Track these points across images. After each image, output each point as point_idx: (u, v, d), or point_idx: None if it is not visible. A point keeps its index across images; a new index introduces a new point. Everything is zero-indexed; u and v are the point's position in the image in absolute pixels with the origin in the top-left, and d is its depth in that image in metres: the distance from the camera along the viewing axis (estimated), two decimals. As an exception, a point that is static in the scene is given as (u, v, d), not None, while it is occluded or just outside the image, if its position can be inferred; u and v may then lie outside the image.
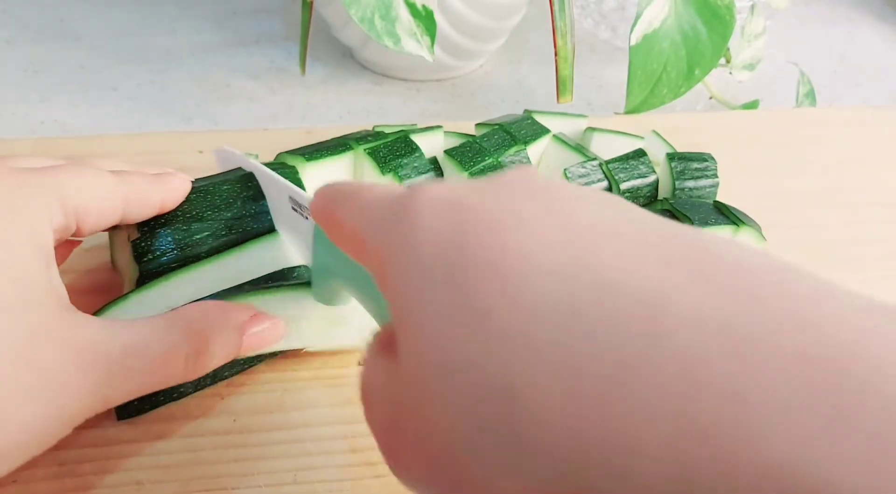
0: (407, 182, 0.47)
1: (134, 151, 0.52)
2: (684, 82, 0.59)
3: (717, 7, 0.58)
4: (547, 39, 0.55)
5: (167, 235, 0.40)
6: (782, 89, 0.72)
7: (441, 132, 0.51)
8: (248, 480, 0.35)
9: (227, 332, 0.34)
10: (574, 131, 0.55)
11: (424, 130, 0.50)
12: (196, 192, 0.42)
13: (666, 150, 0.53)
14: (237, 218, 0.42)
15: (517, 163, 0.49)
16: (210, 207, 0.41)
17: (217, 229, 0.41)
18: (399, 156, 0.47)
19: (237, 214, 0.42)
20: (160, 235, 0.40)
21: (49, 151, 0.51)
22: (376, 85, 0.68)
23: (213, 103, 0.64)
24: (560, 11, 0.53)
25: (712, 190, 0.50)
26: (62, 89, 0.64)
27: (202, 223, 0.41)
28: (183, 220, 0.40)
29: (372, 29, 0.50)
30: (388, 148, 0.47)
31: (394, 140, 0.48)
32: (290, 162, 0.45)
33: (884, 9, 0.89)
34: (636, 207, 0.23)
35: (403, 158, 0.47)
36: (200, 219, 0.41)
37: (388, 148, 0.47)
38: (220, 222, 0.41)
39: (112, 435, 0.36)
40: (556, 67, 0.55)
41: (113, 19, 0.73)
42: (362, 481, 0.36)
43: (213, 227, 0.41)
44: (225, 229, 0.41)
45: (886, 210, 0.55)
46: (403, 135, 0.49)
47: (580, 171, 0.49)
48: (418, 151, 0.48)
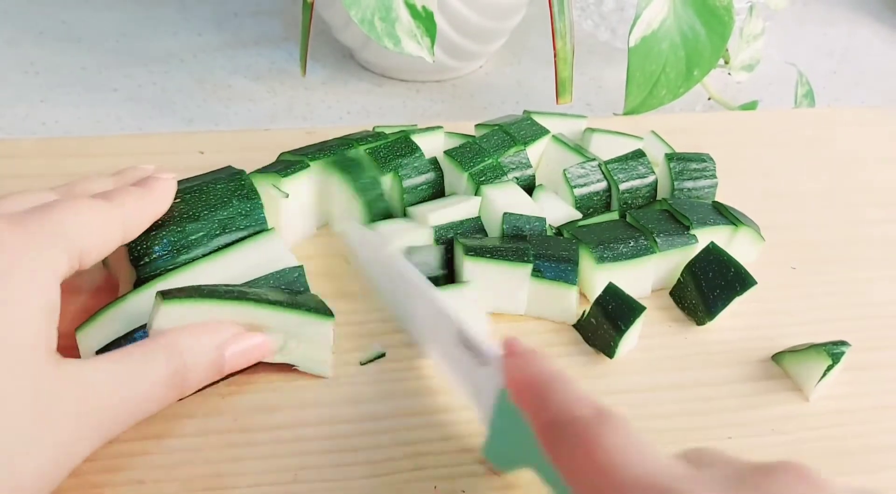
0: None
1: (134, 151, 0.52)
2: (683, 83, 0.59)
3: (715, 8, 0.58)
4: (546, 40, 0.55)
5: (162, 237, 0.40)
6: (781, 90, 0.72)
7: (442, 132, 0.51)
8: (248, 479, 0.35)
9: (207, 352, 0.35)
10: (573, 132, 0.55)
11: (425, 131, 0.50)
12: (190, 191, 0.42)
13: (665, 150, 0.53)
14: (231, 217, 0.42)
15: (517, 164, 0.49)
16: (205, 206, 0.42)
17: (212, 228, 0.41)
18: (399, 156, 0.47)
19: (232, 213, 0.42)
20: (156, 237, 0.40)
21: (49, 153, 0.51)
22: (376, 86, 0.68)
23: (213, 104, 0.65)
24: (559, 13, 0.54)
25: (711, 191, 0.50)
26: (63, 90, 0.64)
27: (197, 223, 0.41)
28: (178, 220, 0.41)
29: (372, 30, 0.50)
30: (389, 148, 0.48)
31: (394, 140, 0.48)
32: (261, 180, 0.45)
33: (882, 10, 0.89)
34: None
35: (404, 158, 0.47)
36: (196, 219, 0.41)
37: (389, 148, 0.48)
38: (215, 221, 0.41)
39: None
40: (556, 68, 0.55)
41: (114, 21, 0.73)
42: (362, 481, 0.36)
43: (208, 227, 0.41)
44: (220, 228, 0.41)
45: (886, 210, 0.55)
46: (404, 135, 0.49)
47: (579, 171, 0.49)
48: (418, 151, 0.48)
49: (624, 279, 0.44)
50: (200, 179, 0.44)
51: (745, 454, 0.39)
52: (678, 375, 0.42)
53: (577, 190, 0.49)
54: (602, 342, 0.43)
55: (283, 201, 0.44)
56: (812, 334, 0.44)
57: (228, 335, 0.36)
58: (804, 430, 0.40)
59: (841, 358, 0.41)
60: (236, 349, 0.36)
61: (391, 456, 0.37)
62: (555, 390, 0.30)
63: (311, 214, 0.48)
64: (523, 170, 0.49)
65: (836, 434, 0.40)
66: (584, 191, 0.49)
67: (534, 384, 0.31)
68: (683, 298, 0.46)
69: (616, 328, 0.41)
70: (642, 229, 0.46)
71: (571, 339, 0.44)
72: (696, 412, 0.41)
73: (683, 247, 0.45)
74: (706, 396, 0.41)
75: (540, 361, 0.32)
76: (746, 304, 0.45)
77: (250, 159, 0.48)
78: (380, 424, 0.38)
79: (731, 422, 0.40)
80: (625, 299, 0.42)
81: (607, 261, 0.44)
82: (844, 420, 0.41)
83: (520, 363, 0.32)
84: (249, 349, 0.37)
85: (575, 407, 0.29)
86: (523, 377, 0.32)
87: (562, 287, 0.43)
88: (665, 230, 0.45)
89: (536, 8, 0.66)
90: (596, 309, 0.43)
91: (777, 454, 0.39)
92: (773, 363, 0.43)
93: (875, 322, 0.46)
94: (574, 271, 0.43)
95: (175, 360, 0.34)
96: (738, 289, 0.44)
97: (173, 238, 0.40)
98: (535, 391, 0.31)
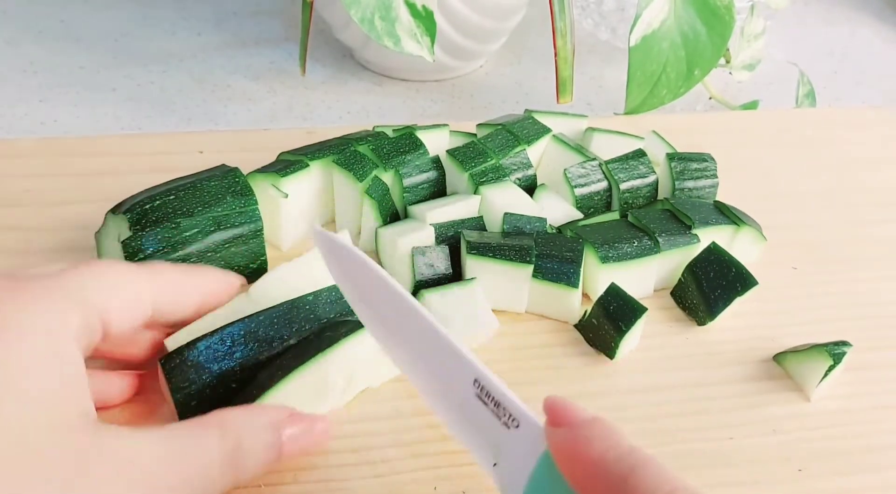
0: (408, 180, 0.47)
1: (134, 151, 0.52)
2: (684, 83, 0.59)
3: (716, 7, 0.58)
4: (547, 40, 0.55)
5: (157, 233, 0.40)
6: (782, 90, 0.72)
7: (447, 130, 0.51)
8: (248, 480, 0.35)
9: (262, 432, 0.32)
10: (574, 131, 0.55)
11: (431, 128, 0.50)
12: (184, 189, 0.42)
13: (666, 150, 0.53)
14: (226, 214, 0.42)
15: (518, 164, 0.49)
16: (199, 203, 0.42)
17: (206, 225, 0.41)
18: (402, 153, 0.47)
19: (226, 209, 0.42)
20: (150, 233, 0.40)
21: (48, 152, 0.51)
22: (376, 85, 0.68)
23: (213, 104, 0.64)
24: (560, 12, 0.53)
25: (712, 190, 0.50)
26: (62, 90, 0.64)
27: (191, 219, 0.41)
28: (172, 216, 0.41)
29: (372, 29, 0.50)
30: (392, 144, 0.48)
31: (399, 136, 0.48)
32: (261, 180, 0.45)
33: (883, 9, 0.89)
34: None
35: (406, 155, 0.47)
36: (189, 215, 0.41)
37: (392, 144, 0.48)
38: (209, 218, 0.42)
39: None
40: (556, 67, 0.55)
41: (113, 20, 0.73)
42: (362, 481, 0.36)
43: (202, 223, 0.41)
44: (214, 224, 0.42)
45: (886, 210, 0.55)
46: (409, 131, 0.49)
47: (580, 171, 0.49)
48: (422, 148, 0.48)
49: (627, 279, 0.44)
50: (194, 176, 0.44)
51: (746, 454, 0.39)
52: (679, 375, 0.42)
53: (578, 190, 0.49)
54: (603, 342, 0.42)
55: (282, 201, 0.44)
56: (813, 334, 0.44)
57: (284, 416, 0.33)
58: (805, 430, 0.40)
59: (842, 358, 0.41)
60: (294, 431, 0.33)
61: (391, 456, 0.37)
62: (642, 475, 0.25)
63: (310, 214, 0.48)
64: (525, 170, 0.49)
65: (837, 434, 0.40)
66: (585, 191, 0.49)
67: (606, 467, 0.25)
68: (684, 298, 0.46)
69: (617, 328, 0.41)
70: (644, 228, 0.45)
71: (570, 339, 0.44)
72: (697, 412, 0.40)
73: (685, 247, 0.45)
74: (707, 396, 0.41)
75: (608, 433, 0.26)
76: (747, 304, 0.45)
77: (250, 159, 0.48)
78: (380, 424, 0.38)
79: (732, 422, 0.40)
80: (626, 299, 0.42)
81: (611, 261, 0.44)
82: (845, 420, 0.41)
83: (578, 438, 0.27)
84: (307, 432, 0.34)
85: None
86: (587, 458, 0.26)
87: (563, 289, 0.43)
88: (667, 230, 0.45)
89: (536, 8, 0.66)
90: (597, 309, 0.42)
91: (778, 454, 0.39)
92: (774, 364, 0.43)
93: (876, 322, 0.46)
94: (577, 272, 0.43)
95: (230, 438, 0.31)
96: (739, 289, 0.44)
97: (167, 234, 0.40)
98: (607, 479, 0.25)
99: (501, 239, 0.44)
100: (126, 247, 0.40)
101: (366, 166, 0.46)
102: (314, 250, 0.40)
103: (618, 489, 0.25)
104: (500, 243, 0.43)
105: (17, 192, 0.48)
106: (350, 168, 0.45)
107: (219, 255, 0.42)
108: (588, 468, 0.26)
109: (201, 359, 0.35)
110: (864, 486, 0.38)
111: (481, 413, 0.30)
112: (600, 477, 0.25)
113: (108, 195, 0.46)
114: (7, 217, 0.47)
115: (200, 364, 0.35)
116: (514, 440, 0.29)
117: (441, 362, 0.31)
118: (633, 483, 0.24)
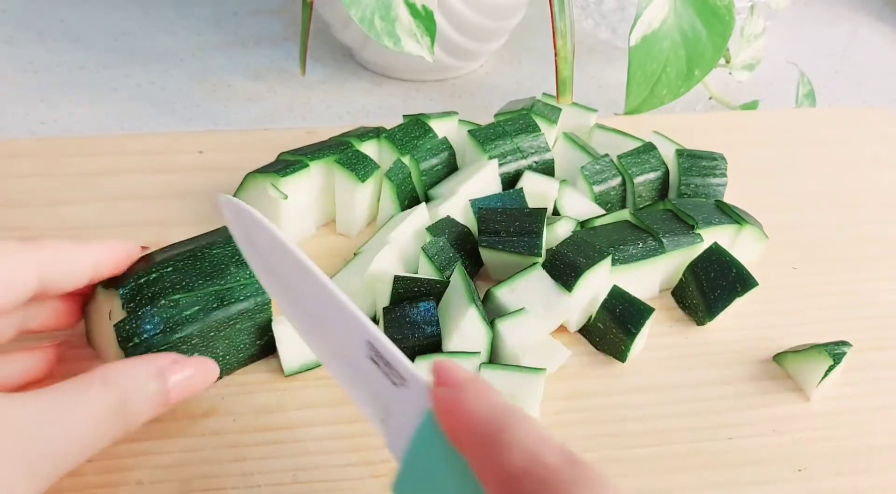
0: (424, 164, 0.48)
1: (134, 151, 0.52)
2: (684, 83, 0.59)
3: (716, 7, 0.58)
4: (547, 40, 0.55)
5: (153, 314, 0.36)
6: (782, 90, 0.72)
7: (455, 118, 0.53)
8: (248, 480, 0.35)
9: (147, 381, 0.33)
10: (582, 125, 0.55)
11: (441, 116, 0.52)
12: (182, 258, 0.38)
13: (671, 148, 0.53)
14: (230, 287, 0.38)
15: (536, 148, 0.50)
16: (199, 275, 0.37)
17: (208, 301, 0.37)
18: (414, 137, 0.49)
19: (230, 282, 0.38)
20: (145, 314, 0.36)
21: (48, 152, 0.51)
22: (376, 85, 0.68)
23: (213, 104, 0.64)
24: (560, 12, 0.53)
25: (721, 189, 0.50)
26: (62, 90, 0.64)
27: (191, 297, 0.37)
28: (170, 292, 0.36)
29: (372, 29, 0.50)
30: (403, 131, 0.49)
31: (407, 123, 0.50)
32: (260, 180, 0.44)
33: (883, 9, 0.89)
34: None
35: (419, 140, 0.49)
36: (189, 290, 0.37)
37: (403, 131, 0.49)
38: (211, 292, 0.37)
39: (112, 435, 0.36)
40: (556, 67, 0.55)
41: (113, 20, 0.73)
42: (362, 481, 0.36)
43: (203, 300, 0.37)
44: (216, 300, 0.37)
45: (886, 210, 0.55)
46: (415, 118, 0.50)
47: (595, 168, 0.49)
48: (431, 131, 0.49)
49: (633, 281, 0.44)
50: (193, 243, 0.39)
51: (745, 454, 0.39)
52: (679, 375, 0.42)
53: (596, 187, 0.49)
54: (612, 346, 0.42)
55: (282, 202, 0.44)
56: (813, 334, 0.44)
57: (168, 362, 0.33)
58: (805, 430, 0.40)
59: (842, 359, 0.41)
60: (179, 377, 0.33)
61: (391, 456, 0.37)
62: (513, 432, 0.26)
63: (310, 213, 0.48)
64: (542, 154, 0.50)
65: (837, 434, 0.40)
66: (602, 187, 0.49)
67: (481, 423, 0.26)
68: (685, 298, 0.46)
69: (626, 331, 0.41)
70: (648, 229, 0.45)
71: (570, 340, 0.44)
72: (697, 412, 0.40)
73: (689, 246, 0.45)
74: (707, 396, 0.41)
75: (486, 392, 0.28)
76: (748, 304, 0.45)
77: (250, 159, 0.48)
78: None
79: (732, 422, 0.40)
80: (632, 301, 0.42)
81: (618, 264, 0.43)
82: (845, 421, 0.41)
83: (459, 396, 0.28)
84: (192, 377, 0.34)
85: (542, 455, 0.25)
86: (465, 414, 0.27)
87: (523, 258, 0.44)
88: (670, 230, 0.45)
89: (536, 7, 0.66)
90: (603, 313, 0.42)
91: (778, 454, 0.39)
92: (774, 364, 0.43)
93: (876, 322, 0.46)
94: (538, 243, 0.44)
95: (114, 391, 0.31)
96: (739, 290, 0.44)
97: (165, 315, 0.36)
98: (482, 433, 0.26)
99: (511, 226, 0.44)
100: (120, 331, 0.36)
101: (367, 166, 0.46)
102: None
103: (491, 442, 0.26)
104: (509, 236, 0.44)
105: (17, 192, 0.48)
106: (351, 168, 0.46)
107: (222, 334, 0.38)
108: (465, 423, 0.27)
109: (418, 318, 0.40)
110: (864, 486, 0.38)
111: (373, 374, 0.31)
112: (477, 432, 0.26)
113: (108, 195, 0.46)
114: (7, 217, 0.47)
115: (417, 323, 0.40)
116: (401, 397, 0.30)
117: (336, 324, 0.32)
118: (507, 438, 0.26)
